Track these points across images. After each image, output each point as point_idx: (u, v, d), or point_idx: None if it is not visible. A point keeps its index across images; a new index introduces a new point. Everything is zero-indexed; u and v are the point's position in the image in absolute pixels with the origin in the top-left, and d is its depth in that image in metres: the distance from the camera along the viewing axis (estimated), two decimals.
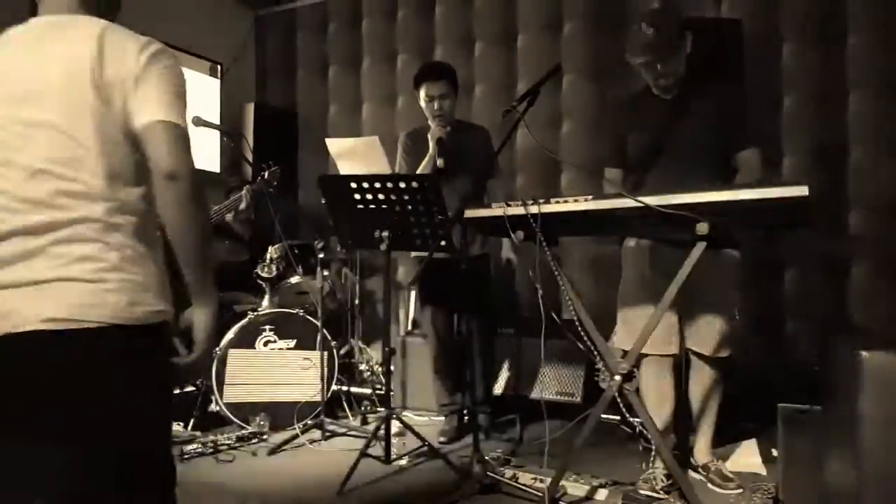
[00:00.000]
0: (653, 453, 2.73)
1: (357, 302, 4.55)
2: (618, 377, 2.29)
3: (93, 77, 1.37)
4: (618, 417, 3.44)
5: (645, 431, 2.80)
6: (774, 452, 2.62)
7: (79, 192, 1.34)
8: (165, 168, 1.37)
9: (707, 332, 2.62)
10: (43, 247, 1.32)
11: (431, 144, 3.30)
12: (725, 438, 2.93)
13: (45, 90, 1.37)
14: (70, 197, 1.34)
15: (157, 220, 1.45)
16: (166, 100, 1.42)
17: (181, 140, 1.41)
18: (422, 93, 3.36)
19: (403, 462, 2.95)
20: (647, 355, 2.65)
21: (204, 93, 4.89)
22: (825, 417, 2.33)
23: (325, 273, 3.92)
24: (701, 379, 2.73)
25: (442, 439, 3.37)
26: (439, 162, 3.29)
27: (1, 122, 1.37)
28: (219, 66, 5.02)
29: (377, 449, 2.85)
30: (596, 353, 2.37)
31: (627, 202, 2.16)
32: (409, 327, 4.39)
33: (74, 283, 1.32)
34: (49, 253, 1.32)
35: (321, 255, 3.77)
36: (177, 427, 3.38)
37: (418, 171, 3.31)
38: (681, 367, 2.75)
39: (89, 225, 1.34)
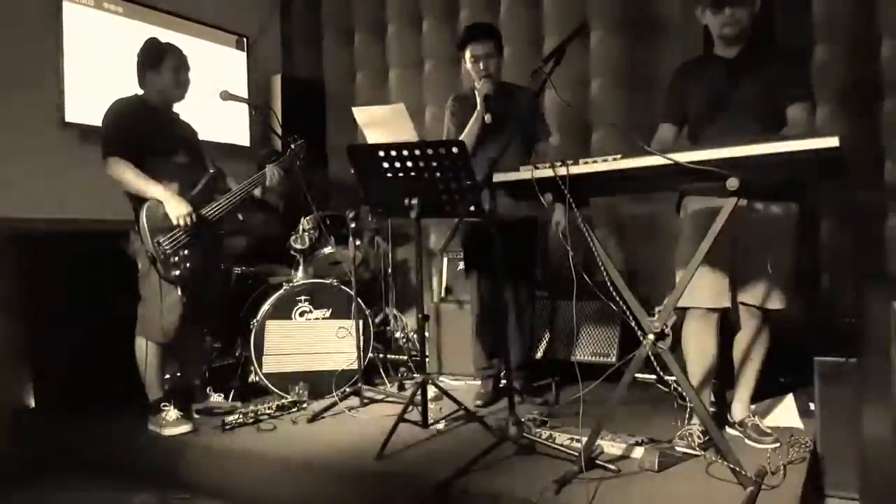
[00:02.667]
0: (689, 410, 2.74)
1: (390, 270, 4.59)
2: (651, 336, 2.28)
3: None
4: (654, 376, 3.45)
5: (680, 388, 2.80)
6: (812, 406, 2.61)
7: None
8: None
9: (756, 285, 2.61)
10: None
11: (479, 101, 3.29)
12: (762, 394, 2.91)
13: None
14: None
15: None
16: None
17: None
18: (467, 53, 3.35)
19: (440, 426, 3.00)
20: (691, 308, 2.64)
21: (231, 66, 4.93)
22: (862, 370, 2.30)
23: (358, 243, 3.96)
24: (748, 331, 2.71)
25: (478, 402, 3.40)
26: (487, 117, 3.27)
27: None
28: (245, 40, 5.04)
29: (414, 414, 2.89)
30: (628, 312, 2.36)
31: (657, 160, 2.13)
32: (443, 294, 4.41)
33: None
34: None
35: (353, 225, 3.81)
36: (217, 398, 3.47)
37: (467, 128, 3.31)
38: (728, 324, 2.73)
39: None
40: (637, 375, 3.30)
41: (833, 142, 1.86)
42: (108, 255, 3.38)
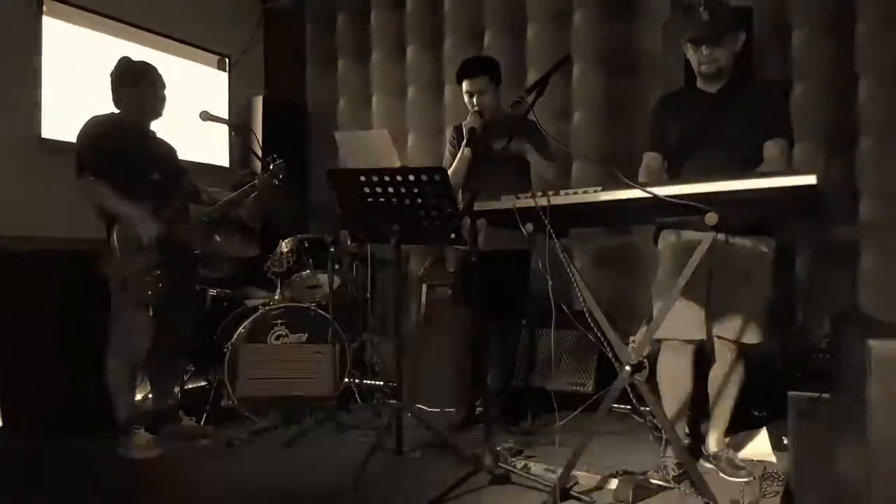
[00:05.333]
0: (664, 442, 2.74)
1: (368, 295, 4.56)
2: (627, 367, 2.29)
3: None
4: (629, 407, 3.46)
5: (655, 420, 2.80)
6: (785, 441, 2.62)
7: None
8: None
9: (732, 319, 2.63)
10: None
11: (465, 135, 3.35)
12: (736, 427, 2.93)
13: None
14: None
15: None
16: None
17: None
18: (463, 87, 3.42)
19: (415, 454, 2.97)
20: (667, 340, 2.66)
21: (212, 86, 4.92)
22: (836, 406, 2.32)
23: (337, 267, 3.94)
24: (722, 365, 2.73)
25: (448, 430, 3.37)
26: (466, 151, 3.33)
27: None
28: (227, 60, 5.05)
29: (390, 442, 2.87)
30: (606, 343, 2.37)
31: (637, 193, 2.15)
32: (421, 319, 4.40)
33: None
34: None
35: (332, 249, 3.79)
36: (190, 422, 3.40)
37: (455, 161, 3.36)
38: (703, 357, 2.75)
39: None
40: (613, 406, 3.30)
41: (811, 180, 1.89)
42: (80, 274, 3.32)
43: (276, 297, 3.83)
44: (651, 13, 4.05)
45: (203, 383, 3.86)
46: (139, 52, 4.06)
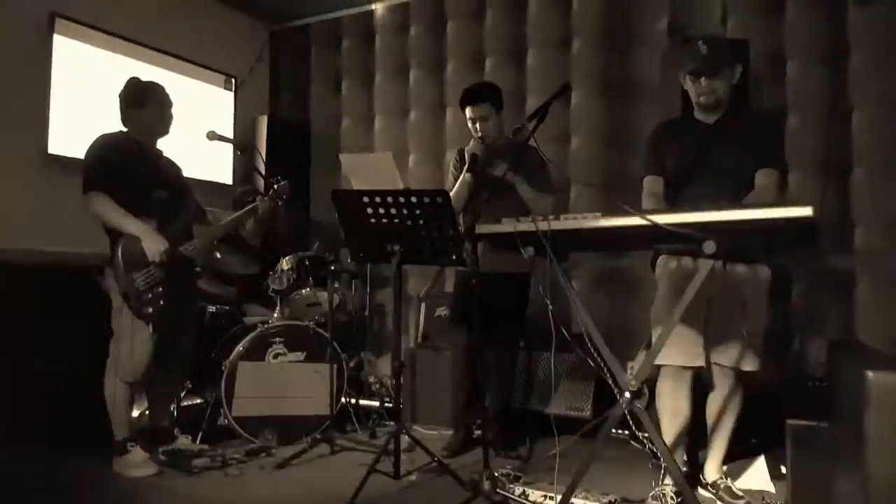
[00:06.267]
0: (662, 470, 2.73)
1: (367, 314, 4.57)
2: (627, 394, 2.29)
3: None
4: (627, 433, 3.45)
5: (655, 448, 2.80)
6: (783, 469, 2.62)
7: None
8: None
9: (730, 346, 2.64)
10: None
11: (467, 160, 3.42)
12: (734, 455, 2.92)
13: None
14: None
15: None
16: None
17: None
18: (466, 114, 3.48)
19: (413, 478, 2.95)
20: (666, 366, 2.66)
21: (218, 105, 4.96)
22: (833, 435, 2.33)
23: (336, 285, 3.95)
24: (720, 392, 2.74)
25: (445, 452, 3.36)
26: (467, 176, 3.39)
27: None
28: (233, 80, 5.10)
29: (386, 464, 2.85)
30: (606, 369, 2.37)
31: (636, 220, 2.17)
32: (419, 339, 4.40)
33: None
34: None
35: (332, 268, 3.80)
36: (185, 440, 3.38)
37: (455, 187, 3.42)
38: (700, 385, 2.75)
39: None
40: (612, 431, 3.29)
41: (807, 211, 1.90)
42: (82, 290, 3.34)
43: (276, 315, 3.84)
44: (648, 42, 4.11)
45: (199, 400, 3.85)
46: (148, 71, 4.12)
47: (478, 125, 3.44)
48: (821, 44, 3.73)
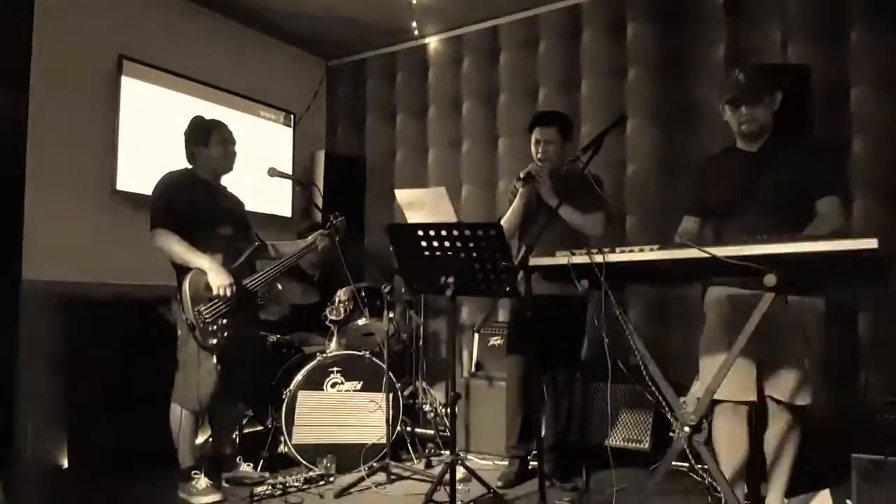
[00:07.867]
0: (723, 503, 2.67)
1: (421, 343, 4.61)
2: (687, 428, 2.26)
3: None
4: (686, 465, 3.38)
5: (714, 482, 2.74)
6: (849, 503, 2.53)
7: None
8: None
9: (785, 379, 2.58)
10: None
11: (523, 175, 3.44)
12: (798, 488, 2.84)
13: None
14: None
15: None
16: None
17: None
18: (533, 136, 3.52)
19: None
20: (722, 401, 2.62)
21: (278, 141, 5.12)
22: None
23: (391, 315, 4.01)
24: (777, 427, 2.67)
25: (499, 483, 3.35)
26: (522, 190, 3.43)
27: None
28: (292, 116, 5.26)
29: (441, 494, 2.87)
30: (664, 402, 2.35)
31: (694, 252, 2.15)
32: (473, 369, 4.41)
33: None
34: None
35: (388, 298, 3.86)
36: (247, 468, 3.48)
37: (511, 207, 3.47)
38: (757, 417, 2.70)
39: None
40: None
41: (871, 243, 1.86)
42: (149, 321, 3.48)
43: (332, 345, 3.91)
44: (706, 70, 4.07)
45: (260, 428, 3.93)
46: (210, 109, 4.29)
47: (541, 147, 3.47)
48: (886, 68, 3.64)
